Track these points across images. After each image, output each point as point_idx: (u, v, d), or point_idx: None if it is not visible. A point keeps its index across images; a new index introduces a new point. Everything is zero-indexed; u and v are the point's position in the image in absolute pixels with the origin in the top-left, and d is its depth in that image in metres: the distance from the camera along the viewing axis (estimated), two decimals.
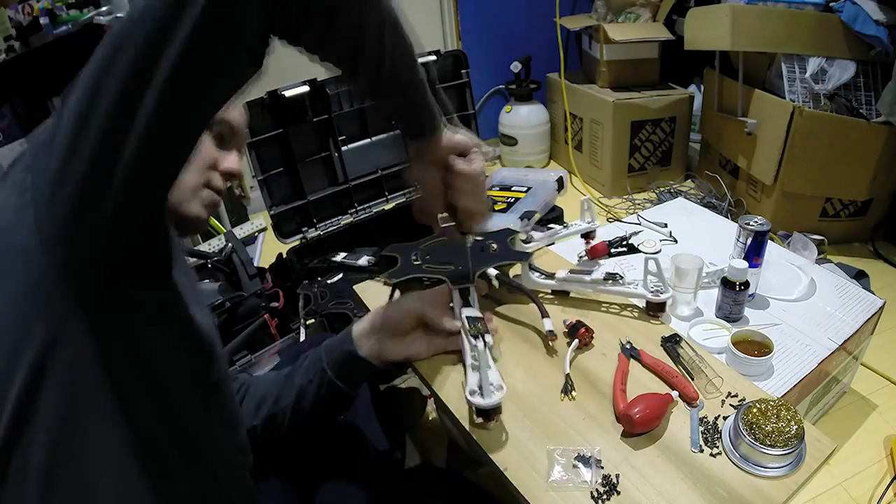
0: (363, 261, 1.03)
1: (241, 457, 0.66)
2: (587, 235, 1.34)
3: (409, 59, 0.61)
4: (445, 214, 0.76)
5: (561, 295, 0.96)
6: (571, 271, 0.93)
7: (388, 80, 0.60)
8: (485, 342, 0.74)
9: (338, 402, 0.80)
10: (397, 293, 0.92)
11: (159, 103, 0.39)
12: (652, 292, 0.88)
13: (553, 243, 1.13)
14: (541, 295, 0.94)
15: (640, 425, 0.70)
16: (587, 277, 0.91)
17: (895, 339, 1.56)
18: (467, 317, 0.79)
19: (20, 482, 0.45)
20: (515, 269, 1.00)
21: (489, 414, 0.70)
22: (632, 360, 0.82)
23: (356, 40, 0.53)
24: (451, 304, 0.84)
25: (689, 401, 0.75)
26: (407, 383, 1.37)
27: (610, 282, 0.90)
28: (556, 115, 2.71)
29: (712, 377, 0.77)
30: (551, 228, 1.22)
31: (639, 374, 0.81)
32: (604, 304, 0.94)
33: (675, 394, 0.75)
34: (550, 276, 0.95)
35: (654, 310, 0.90)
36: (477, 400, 0.68)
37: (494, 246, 0.95)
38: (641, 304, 0.92)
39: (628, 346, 0.84)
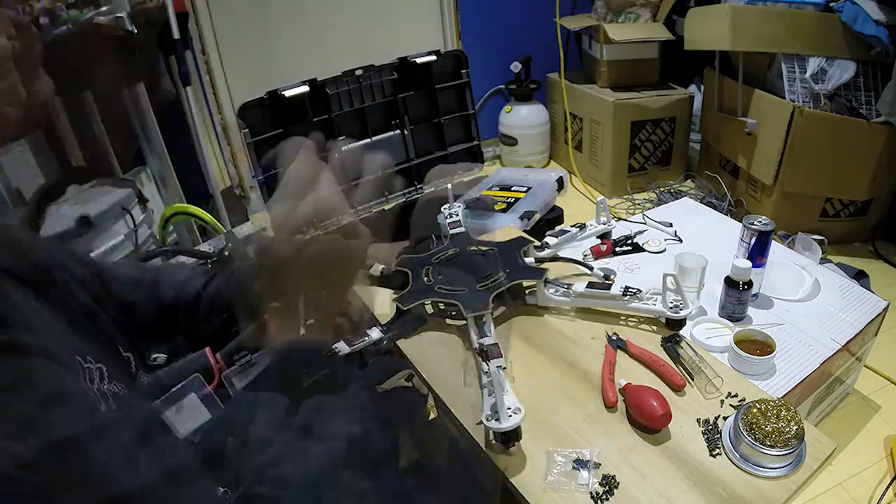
0: (375, 270, 1.02)
1: None
2: (603, 236, 1.34)
3: None
4: None
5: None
6: (590, 285, 0.90)
7: None
8: (499, 366, 0.74)
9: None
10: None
11: None
12: (671, 309, 0.86)
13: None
14: (554, 310, 0.93)
15: (668, 418, 0.70)
16: (606, 292, 0.89)
17: None
18: (481, 343, 0.79)
19: None
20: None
21: (508, 438, 0.69)
22: (619, 350, 0.83)
23: None
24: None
25: (676, 388, 0.76)
26: (404, 383, 1.36)
27: (628, 297, 0.88)
28: (556, 115, 2.71)
29: (712, 377, 0.77)
30: (567, 232, 1.21)
31: (626, 364, 0.82)
32: (622, 317, 0.92)
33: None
34: (567, 290, 0.92)
35: (674, 326, 0.88)
36: (493, 424, 0.67)
37: (507, 271, 0.93)
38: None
39: (615, 338, 0.85)
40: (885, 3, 1.76)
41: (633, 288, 0.89)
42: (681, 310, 0.86)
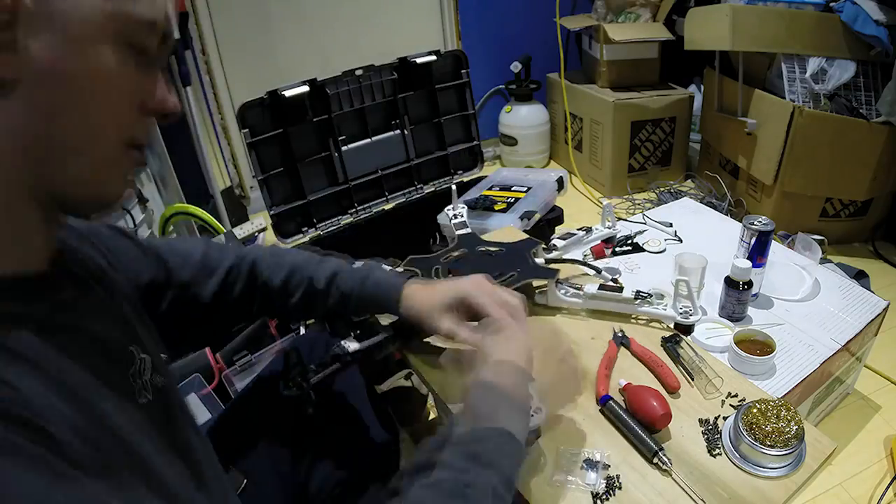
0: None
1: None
2: (608, 240, 1.34)
3: None
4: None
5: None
6: (601, 287, 0.91)
7: None
8: None
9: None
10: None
11: None
12: (681, 314, 0.88)
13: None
14: (565, 310, 0.93)
15: (668, 418, 0.70)
16: (618, 295, 0.90)
17: None
18: None
19: None
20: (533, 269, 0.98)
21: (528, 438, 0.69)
22: (621, 347, 0.84)
23: None
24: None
25: (670, 391, 0.77)
26: (404, 383, 1.36)
27: (639, 301, 0.89)
28: (556, 115, 2.71)
29: (712, 377, 0.77)
30: (573, 235, 1.22)
31: (627, 363, 0.82)
32: (632, 318, 0.92)
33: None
34: (578, 291, 0.92)
35: (683, 331, 0.89)
36: None
37: (518, 270, 0.93)
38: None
39: (620, 335, 0.85)
40: (886, 3, 1.76)
41: (643, 292, 0.89)
42: (690, 316, 0.87)
